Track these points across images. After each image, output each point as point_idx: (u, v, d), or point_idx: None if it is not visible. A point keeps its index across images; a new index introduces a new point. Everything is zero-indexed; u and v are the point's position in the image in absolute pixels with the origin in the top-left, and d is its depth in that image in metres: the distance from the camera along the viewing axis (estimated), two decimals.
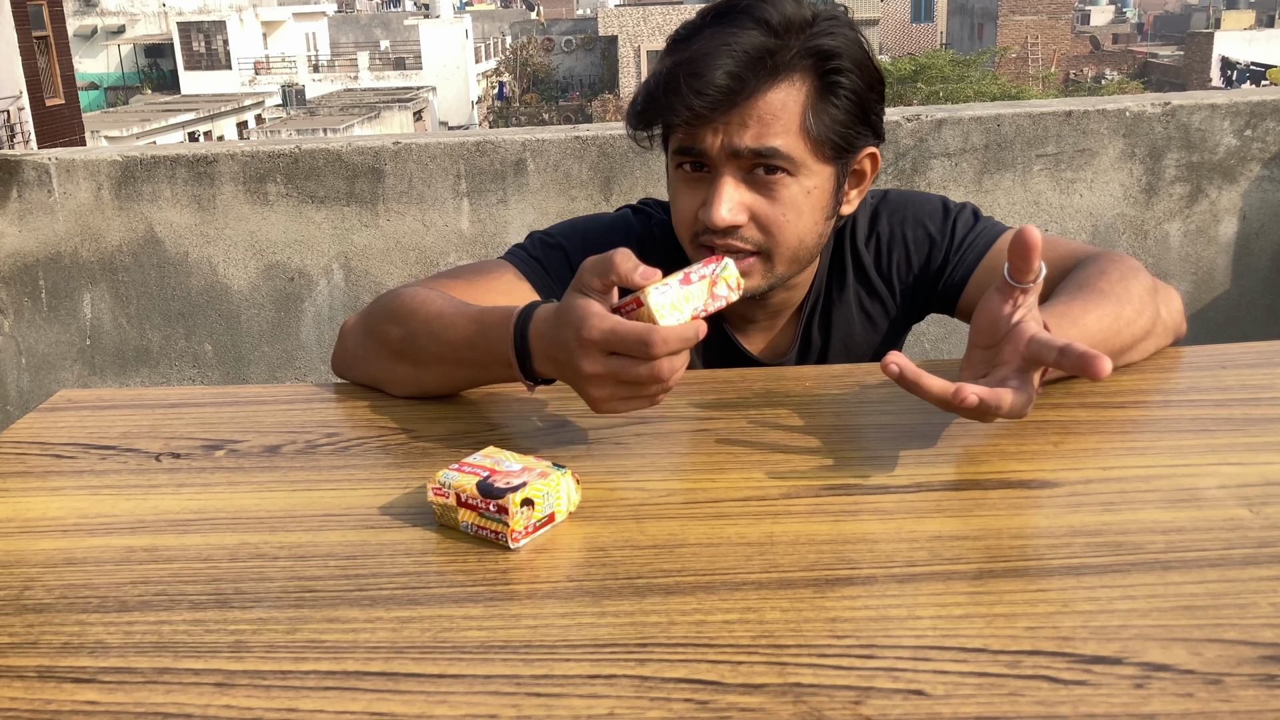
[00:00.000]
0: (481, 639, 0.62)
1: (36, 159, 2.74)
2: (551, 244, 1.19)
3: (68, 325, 2.84)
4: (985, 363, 0.86)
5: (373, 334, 1.03)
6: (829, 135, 1.06)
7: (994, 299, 0.85)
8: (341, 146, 2.70)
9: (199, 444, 0.93)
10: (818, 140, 1.05)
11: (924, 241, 1.19)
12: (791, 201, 1.06)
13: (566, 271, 1.17)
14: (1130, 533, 0.71)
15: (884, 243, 1.21)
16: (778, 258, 1.08)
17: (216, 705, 0.58)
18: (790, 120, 1.03)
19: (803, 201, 1.07)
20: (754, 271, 1.08)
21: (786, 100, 1.03)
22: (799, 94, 1.04)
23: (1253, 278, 2.68)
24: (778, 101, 1.03)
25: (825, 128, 1.05)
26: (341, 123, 25.81)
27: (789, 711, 0.55)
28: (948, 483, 0.80)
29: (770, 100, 1.03)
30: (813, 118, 1.04)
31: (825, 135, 1.05)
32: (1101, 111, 2.58)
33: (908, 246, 1.20)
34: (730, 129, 1.03)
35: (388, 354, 1.01)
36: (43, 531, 0.78)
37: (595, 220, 1.25)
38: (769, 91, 1.02)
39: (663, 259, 1.22)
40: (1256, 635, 0.59)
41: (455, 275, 1.13)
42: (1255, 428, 0.87)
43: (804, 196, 1.07)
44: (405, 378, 1.00)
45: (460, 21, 37.10)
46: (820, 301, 1.22)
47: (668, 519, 0.76)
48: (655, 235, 1.23)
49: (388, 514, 0.79)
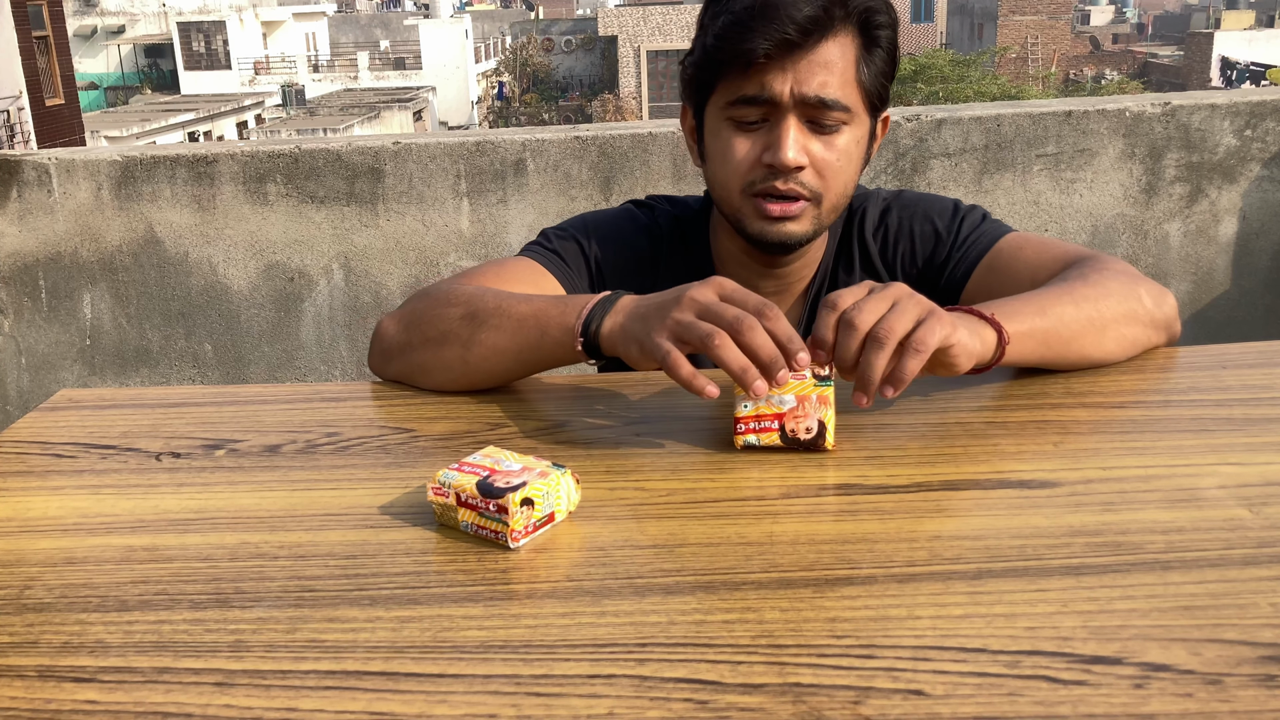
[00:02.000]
0: (481, 638, 0.62)
1: (36, 159, 2.74)
2: (566, 237, 1.23)
3: (68, 325, 2.84)
4: None
5: (422, 320, 1.05)
6: (874, 87, 1.11)
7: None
8: (341, 146, 2.70)
9: (199, 443, 0.93)
10: (867, 91, 1.10)
11: (930, 236, 1.22)
12: (845, 149, 1.11)
13: (582, 262, 1.22)
14: (1130, 533, 0.71)
15: (891, 234, 1.23)
16: (825, 204, 1.12)
17: (216, 705, 0.58)
18: (848, 70, 1.08)
19: (853, 149, 1.12)
20: (805, 217, 1.12)
21: (845, 50, 1.08)
22: (853, 45, 1.08)
23: (1253, 278, 2.68)
24: (837, 51, 1.07)
25: (871, 79, 1.10)
26: (341, 123, 25.81)
27: (788, 711, 0.55)
28: (947, 483, 0.80)
29: (831, 49, 1.07)
30: (864, 69, 1.09)
31: (872, 86, 1.10)
32: (1101, 111, 2.58)
33: (914, 240, 1.22)
34: (799, 75, 1.06)
35: (437, 335, 1.02)
36: (43, 531, 0.79)
37: (602, 214, 1.28)
38: (832, 40, 1.07)
39: (669, 252, 1.24)
40: (1256, 635, 0.59)
41: (479, 272, 1.14)
42: (1255, 428, 0.87)
43: (854, 145, 1.12)
44: (452, 360, 1.01)
45: (460, 21, 37.11)
46: (825, 285, 1.24)
47: (667, 519, 0.76)
48: (661, 226, 1.26)
49: (387, 513, 0.79)
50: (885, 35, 1.10)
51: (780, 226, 1.11)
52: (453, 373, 1.02)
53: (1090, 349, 0.98)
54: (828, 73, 1.06)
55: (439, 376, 1.03)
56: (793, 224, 1.11)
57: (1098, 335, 0.99)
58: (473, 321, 1.00)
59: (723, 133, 1.12)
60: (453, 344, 1.01)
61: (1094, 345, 0.99)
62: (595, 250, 1.22)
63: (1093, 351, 0.99)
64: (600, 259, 1.22)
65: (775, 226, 1.11)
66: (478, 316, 1.00)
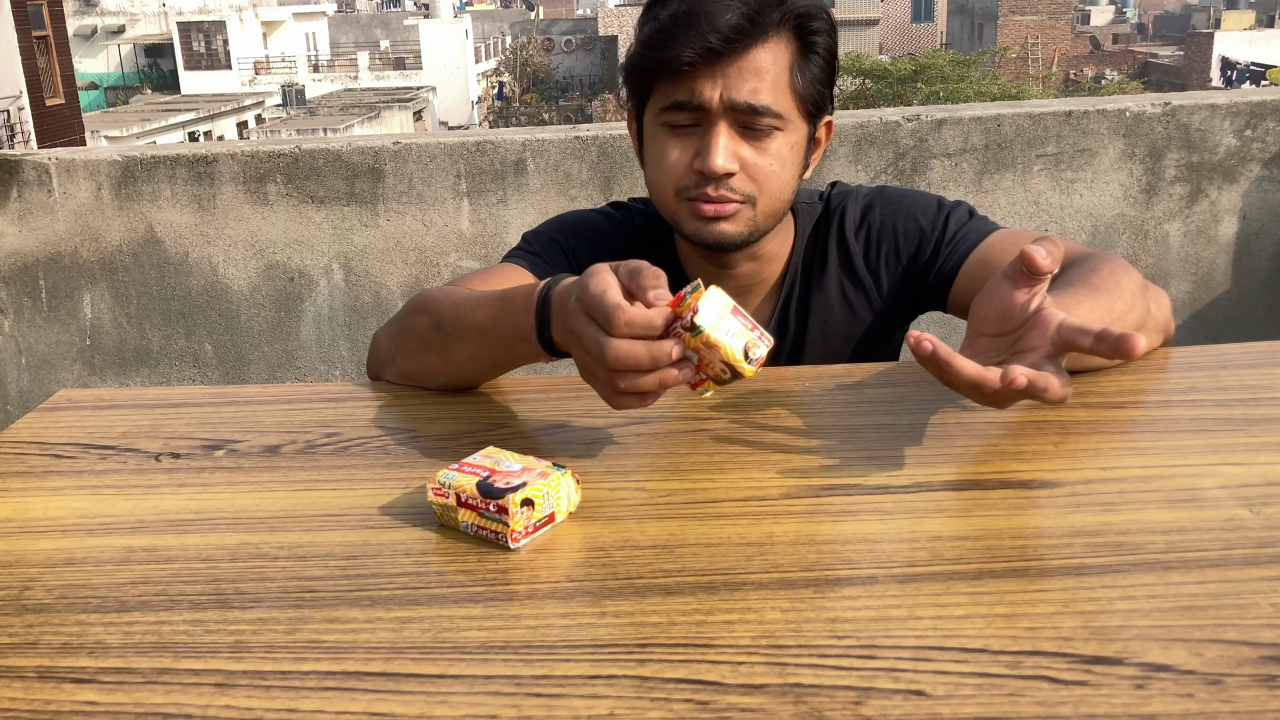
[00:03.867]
0: (482, 639, 0.62)
1: (36, 159, 2.74)
2: (545, 239, 1.26)
3: (68, 325, 2.84)
4: (996, 350, 0.85)
5: (403, 330, 1.07)
6: (809, 93, 1.11)
7: (1004, 287, 0.84)
8: (341, 146, 2.70)
9: (199, 444, 0.93)
10: (801, 97, 1.10)
11: (914, 234, 1.21)
12: (778, 154, 1.11)
13: (563, 261, 1.24)
14: (1130, 533, 0.71)
15: (874, 233, 1.23)
16: (761, 207, 1.12)
17: (216, 705, 0.58)
18: (780, 76, 1.08)
19: (787, 155, 1.12)
20: (740, 218, 1.12)
21: (777, 56, 1.08)
22: (786, 51, 1.09)
23: (1253, 278, 2.68)
24: (769, 57, 1.07)
25: (806, 85, 1.11)
26: (341, 123, 25.82)
27: (789, 712, 0.55)
28: (948, 483, 0.80)
29: (763, 55, 1.07)
30: (798, 75, 1.09)
31: (806, 93, 1.11)
32: (1101, 111, 2.58)
33: (897, 238, 1.22)
34: (729, 81, 1.06)
35: (417, 345, 1.04)
36: (42, 531, 0.78)
37: (579, 213, 1.31)
38: (763, 46, 1.07)
39: (643, 248, 1.27)
40: (1257, 636, 0.59)
41: (467, 278, 1.17)
42: (1255, 428, 0.87)
43: (788, 150, 1.12)
44: (435, 367, 1.03)
45: (460, 21, 37.12)
46: (797, 286, 1.24)
47: (668, 519, 0.76)
48: (636, 225, 1.28)
49: (388, 514, 0.79)
50: (822, 41, 1.10)
51: (714, 226, 1.12)
52: (440, 378, 1.03)
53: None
54: (758, 79, 1.07)
55: (430, 381, 1.04)
56: (727, 224, 1.12)
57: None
58: (440, 331, 1.01)
59: (658, 137, 1.13)
60: (431, 353, 1.02)
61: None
62: (573, 247, 1.24)
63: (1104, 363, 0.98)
64: (578, 256, 1.24)
65: (710, 227, 1.12)
66: (443, 326, 1.01)
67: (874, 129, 2.60)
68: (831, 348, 1.24)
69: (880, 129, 2.60)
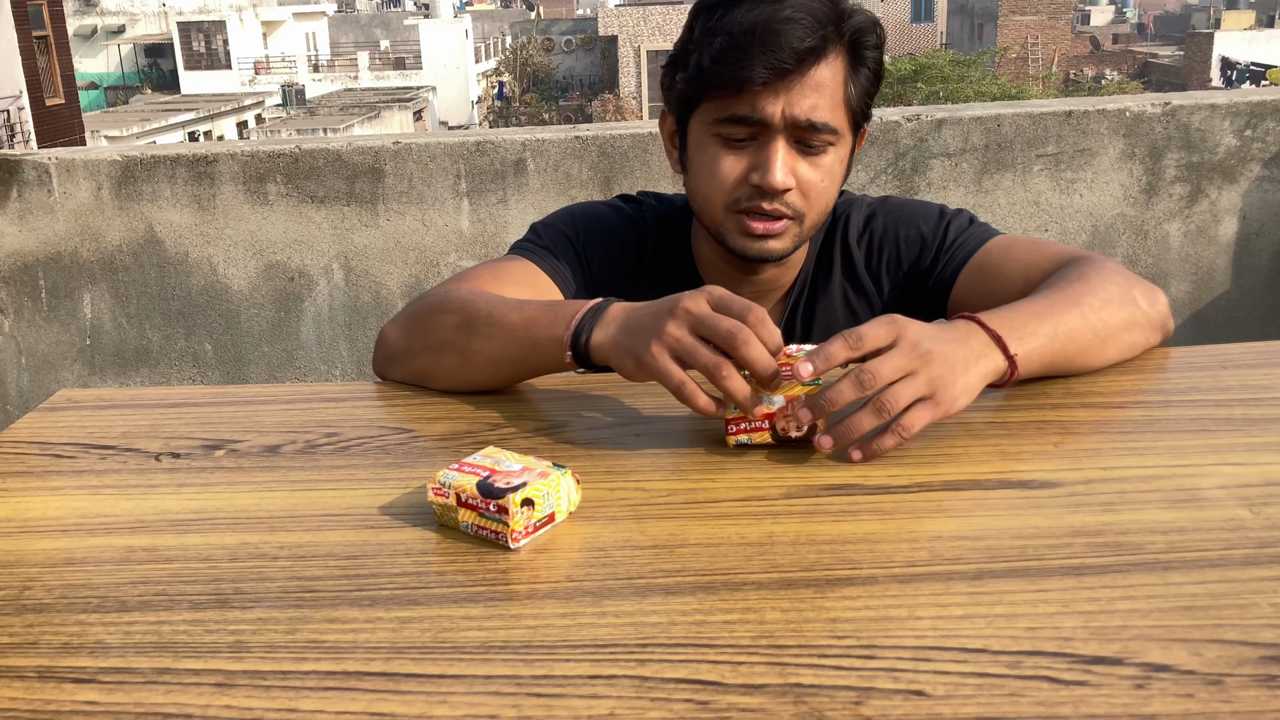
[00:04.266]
0: (482, 639, 0.62)
1: (36, 159, 2.74)
2: (555, 231, 1.24)
3: (68, 325, 2.84)
4: None
5: (422, 327, 1.05)
6: (859, 105, 1.11)
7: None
8: (341, 146, 2.70)
9: (199, 444, 0.93)
10: (853, 111, 1.11)
11: (915, 241, 1.22)
12: (830, 169, 1.11)
13: (573, 255, 1.22)
14: (1131, 533, 0.71)
15: (876, 240, 1.23)
16: (808, 222, 1.13)
17: (216, 705, 0.58)
18: (837, 91, 1.08)
19: (838, 169, 1.13)
20: (787, 235, 1.13)
21: (835, 72, 1.08)
22: (842, 67, 1.09)
23: (1253, 278, 2.68)
24: (829, 73, 1.07)
25: (857, 98, 1.11)
26: (341, 123, 25.81)
27: (789, 712, 0.55)
28: (948, 483, 0.80)
29: (824, 72, 1.07)
30: (851, 89, 1.10)
31: (858, 106, 1.11)
32: (1101, 111, 2.58)
33: (899, 245, 1.22)
34: (792, 98, 1.06)
35: (435, 343, 1.03)
36: (42, 531, 0.78)
37: (589, 206, 1.29)
38: (824, 63, 1.07)
39: (653, 246, 1.25)
40: (1257, 636, 0.59)
41: (476, 275, 1.14)
42: (1255, 428, 0.87)
43: (839, 165, 1.13)
44: (450, 367, 1.02)
45: (460, 21, 37.12)
46: (805, 292, 1.24)
47: (668, 519, 0.76)
48: (647, 222, 1.27)
49: (388, 514, 0.79)
50: (872, 56, 1.11)
51: (763, 244, 1.12)
52: (452, 379, 1.02)
53: (1093, 359, 0.98)
54: (819, 95, 1.07)
55: (440, 381, 1.03)
56: (775, 241, 1.12)
57: (1101, 345, 0.98)
58: (467, 330, 1.00)
59: (709, 148, 1.11)
60: (449, 352, 1.01)
61: (1097, 355, 0.98)
62: (583, 242, 1.23)
63: (1095, 362, 0.98)
64: (588, 250, 1.23)
65: (757, 244, 1.12)
66: (472, 324, 1.00)
67: (874, 129, 2.60)
68: None
69: (880, 129, 2.60)
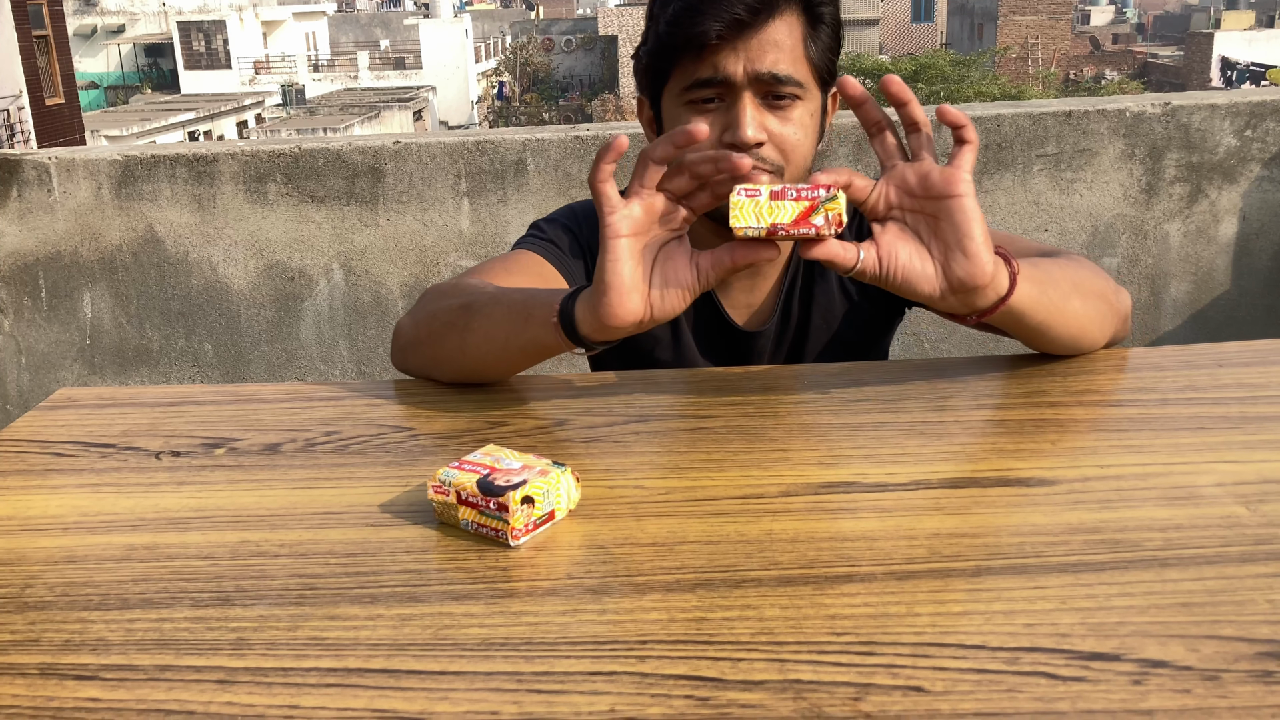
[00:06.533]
0: (482, 636, 0.63)
1: (36, 158, 2.74)
2: (559, 227, 1.26)
3: (68, 325, 2.84)
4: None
5: (429, 315, 1.07)
6: (822, 62, 1.14)
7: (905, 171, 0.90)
8: (341, 146, 2.70)
9: (199, 442, 0.93)
10: (815, 66, 1.14)
11: None
12: (800, 122, 1.13)
13: (577, 249, 1.25)
14: (1128, 530, 0.71)
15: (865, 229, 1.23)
16: (787, 176, 1.14)
17: (218, 702, 0.58)
18: (796, 46, 1.11)
19: (808, 122, 1.15)
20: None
21: (792, 29, 1.11)
22: (799, 24, 1.12)
23: (1253, 278, 2.68)
24: (785, 30, 1.11)
25: (819, 54, 1.14)
26: (341, 122, 25.80)
27: (789, 708, 0.55)
28: (946, 480, 0.80)
29: (779, 28, 1.10)
30: (811, 45, 1.13)
31: (820, 61, 1.14)
32: (1101, 111, 2.58)
33: None
34: (751, 54, 1.09)
35: (440, 327, 1.05)
36: (43, 529, 0.79)
37: (585, 204, 1.30)
38: (779, 19, 1.10)
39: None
40: (1253, 632, 0.59)
41: (484, 269, 1.17)
42: (1252, 426, 0.87)
43: (809, 118, 1.15)
44: (452, 350, 1.03)
45: (460, 21, 37.11)
46: (800, 275, 1.25)
47: (667, 516, 0.76)
48: None
49: (388, 512, 0.79)
50: (828, 12, 1.14)
51: None
52: (455, 363, 1.04)
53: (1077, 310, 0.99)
54: (778, 50, 1.10)
55: (446, 368, 1.05)
56: None
57: (1082, 300, 1.00)
58: (468, 310, 1.02)
59: (681, 117, 1.14)
60: (452, 334, 1.03)
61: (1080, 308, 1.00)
62: (586, 237, 1.25)
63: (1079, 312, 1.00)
64: (591, 245, 1.24)
65: None
66: (473, 306, 1.02)
67: None
68: (834, 336, 1.25)
69: None
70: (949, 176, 0.86)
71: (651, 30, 1.15)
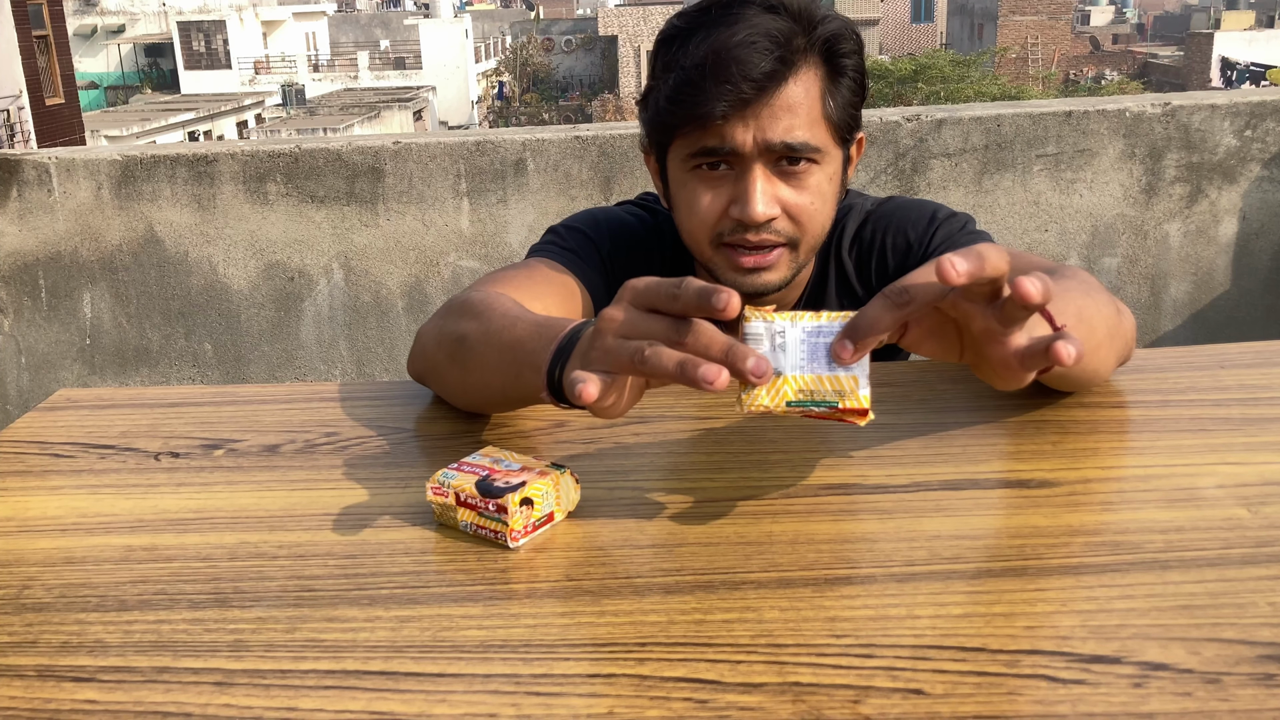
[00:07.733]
0: (481, 638, 0.62)
1: (36, 158, 2.74)
2: (580, 235, 1.20)
3: (68, 325, 2.84)
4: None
5: (446, 336, 0.96)
6: (842, 118, 1.06)
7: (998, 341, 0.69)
8: (341, 146, 2.70)
9: (198, 443, 0.93)
10: (835, 124, 1.05)
11: (901, 248, 1.19)
12: (818, 189, 1.06)
13: (596, 258, 1.18)
14: (1129, 532, 0.71)
15: (865, 249, 1.21)
16: (803, 246, 1.08)
17: (216, 704, 0.58)
18: (814, 108, 1.03)
19: (826, 188, 1.07)
20: (781, 263, 1.08)
21: (809, 87, 1.03)
22: (816, 80, 1.04)
23: (1253, 278, 2.68)
24: (801, 91, 1.02)
25: (839, 111, 1.05)
26: (341, 122, 25.81)
27: (788, 710, 0.55)
28: (946, 482, 0.80)
29: (794, 90, 1.02)
30: (830, 102, 1.04)
31: (840, 119, 1.06)
32: (1101, 112, 2.58)
33: (886, 254, 1.19)
34: (761, 122, 1.01)
35: (444, 358, 0.95)
36: (42, 530, 0.79)
37: (610, 211, 1.26)
38: (793, 80, 1.02)
39: (674, 257, 1.22)
40: (1255, 634, 0.59)
41: (502, 280, 1.07)
42: (1253, 427, 0.87)
43: (827, 183, 1.07)
44: (455, 387, 0.95)
45: (460, 21, 37.13)
46: (806, 305, 1.22)
47: (666, 518, 0.76)
48: (665, 232, 1.22)
49: (387, 513, 0.79)
50: (851, 63, 1.05)
51: (755, 278, 1.08)
52: (461, 401, 0.96)
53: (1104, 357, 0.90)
54: (792, 116, 1.01)
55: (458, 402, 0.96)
56: (769, 273, 1.08)
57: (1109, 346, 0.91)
58: (464, 346, 0.92)
59: (687, 183, 1.07)
60: (453, 369, 0.94)
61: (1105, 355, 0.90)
62: (608, 249, 1.20)
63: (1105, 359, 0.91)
64: (613, 257, 1.20)
65: (750, 278, 1.08)
66: (467, 341, 0.91)
67: (874, 129, 2.60)
68: None
69: (880, 129, 2.60)
70: (1021, 354, 0.67)
71: (652, 96, 1.06)
